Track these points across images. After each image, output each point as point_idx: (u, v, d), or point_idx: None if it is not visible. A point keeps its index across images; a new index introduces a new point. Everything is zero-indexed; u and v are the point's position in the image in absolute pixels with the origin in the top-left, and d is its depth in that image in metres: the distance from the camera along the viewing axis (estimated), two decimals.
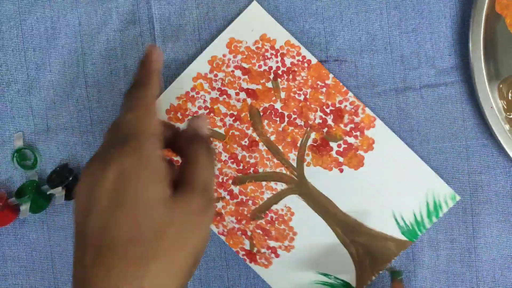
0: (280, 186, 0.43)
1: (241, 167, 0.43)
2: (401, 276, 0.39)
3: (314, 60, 0.42)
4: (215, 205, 0.43)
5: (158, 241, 0.24)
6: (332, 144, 0.42)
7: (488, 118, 0.41)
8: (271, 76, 0.42)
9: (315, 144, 0.42)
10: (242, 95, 0.43)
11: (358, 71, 0.42)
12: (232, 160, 0.43)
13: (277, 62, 0.42)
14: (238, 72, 0.42)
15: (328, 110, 0.42)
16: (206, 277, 0.43)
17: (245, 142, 0.43)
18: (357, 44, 0.42)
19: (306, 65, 0.42)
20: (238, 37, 0.42)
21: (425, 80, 0.42)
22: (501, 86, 0.41)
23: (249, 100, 0.43)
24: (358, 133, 0.42)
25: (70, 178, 0.42)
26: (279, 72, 0.42)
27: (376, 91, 0.42)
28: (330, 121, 0.42)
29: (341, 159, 0.42)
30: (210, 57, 0.42)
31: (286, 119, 0.42)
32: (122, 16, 0.43)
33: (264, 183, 0.43)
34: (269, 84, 0.42)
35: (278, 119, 0.42)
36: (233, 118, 0.43)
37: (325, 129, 0.42)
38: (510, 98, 0.41)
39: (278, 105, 0.42)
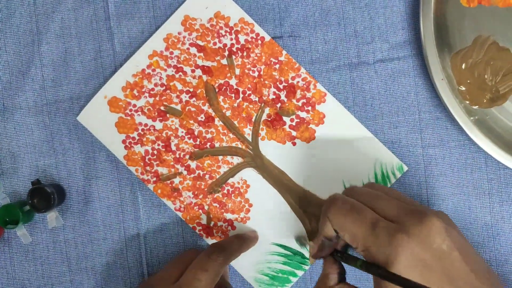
0: (236, 160, 0.43)
1: (198, 142, 0.43)
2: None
3: (267, 37, 0.42)
4: (176, 185, 0.43)
5: None
6: (285, 118, 0.43)
7: (439, 91, 0.41)
8: (226, 53, 0.43)
9: (269, 119, 0.43)
10: (198, 72, 0.43)
11: (312, 46, 0.43)
12: (189, 136, 0.43)
13: (231, 39, 0.43)
14: (193, 50, 0.43)
15: (281, 86, 0.43)
16: (164, 255, 0.44)
17: (201, 118, 0.43)
18: (311, 19, 0.43)
19: (259, 42, 0.42)
20: (193, 15, 0.43)
21: (379, 55, 0.42)
22: (453, 58, 0.41)
23: (204, 77, 0.43)
24: (309, 108, 0.42)
25: (53, 197, 0.41)
26: (234, 49, 0.43)
27: (330, 67, 0.43)
28: (283, 97, 0.43)
29: (294, 133, 0.43)
30: (165, 34, 0.43)
31: (241, 95, 0.43)
32: None
33: (220, 157, 0.43)
34: (224, 61, 0.43)
35: (233, 95, 0.43)
36: (189, 94, 0.43)
37: (279, 104, 0.43)
38: (463, 68, 0.41)
39: (233, 82, 0.43)
